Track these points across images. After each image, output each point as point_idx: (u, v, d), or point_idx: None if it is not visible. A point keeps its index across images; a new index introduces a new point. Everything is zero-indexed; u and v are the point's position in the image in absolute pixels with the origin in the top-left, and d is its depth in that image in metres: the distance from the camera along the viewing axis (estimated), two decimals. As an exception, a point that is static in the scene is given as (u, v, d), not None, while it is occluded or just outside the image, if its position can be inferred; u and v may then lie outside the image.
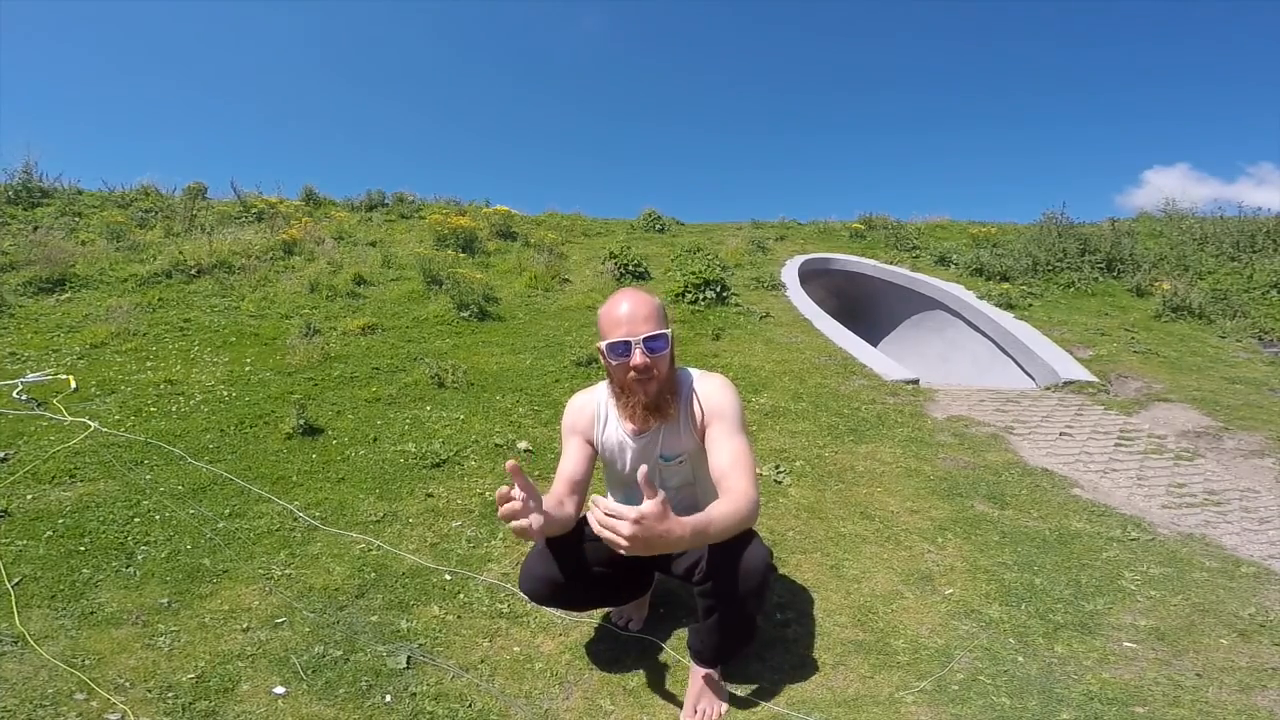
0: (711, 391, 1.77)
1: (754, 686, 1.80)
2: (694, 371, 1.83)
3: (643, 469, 1.36)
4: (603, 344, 1.71)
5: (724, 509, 1.51)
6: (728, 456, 1.66)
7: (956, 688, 1.76)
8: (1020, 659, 1.88)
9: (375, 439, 3.26)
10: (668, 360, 1.72)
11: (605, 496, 2.03)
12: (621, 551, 1.33)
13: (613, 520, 1.32)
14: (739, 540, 1.59)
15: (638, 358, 1.66)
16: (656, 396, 1.71)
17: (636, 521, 1.31)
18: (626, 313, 1.67)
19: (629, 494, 1.92)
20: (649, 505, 1.33)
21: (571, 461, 1.78)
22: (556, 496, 1.69)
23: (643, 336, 1.66)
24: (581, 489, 1.77)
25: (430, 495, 2.79)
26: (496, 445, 3.25)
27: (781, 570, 2.34)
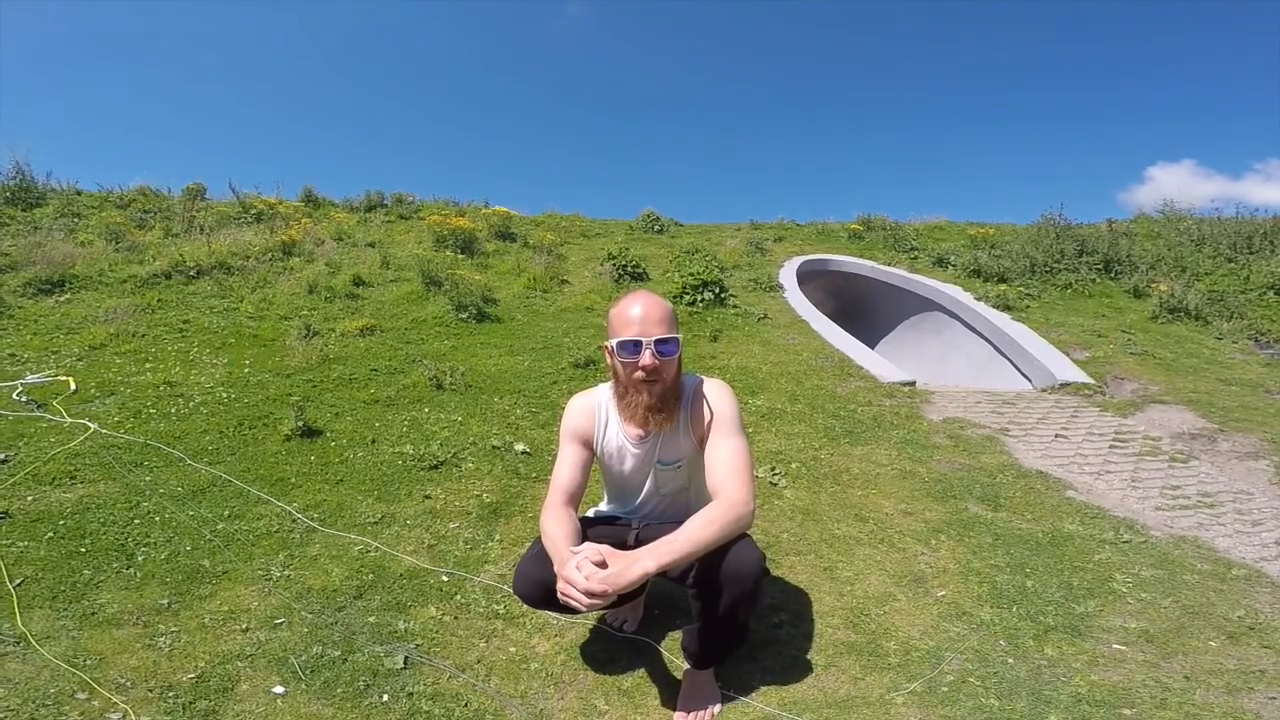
0: (710, 396, 1.78)
1: (746, 687, 1.82)
2: (698, 377, 1.85)
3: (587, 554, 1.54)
4: (612, 342, 1.72)
5: (706, 518, 1.57)
6: (725, 461, 1.68)
7: (946, 689, 1.79)
8: (1010, 661, 1.90)
9: (373, 441, 3.28)
10: (675, 365, 1.74)
11: (602, 502, 2.06)
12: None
13: (577, 594, 1.48)
14: (732, 545, 1.60)
15: (647, 359, 1.67)
16: (660, 399, 1.73)
17: (597, 594, 1.46)
18: (640, 313, 1.69)
19: (626, 497, 1.94)
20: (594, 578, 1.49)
21: (568, 469, 1.79)
22: (558, 511, 1.72)
23: (654, 339, 1.67)
24: (578, 498, 1.79)
25: (428, 497, 2.81)
26: (494, 447, 3.27)
27: (775, 572, 2.36)
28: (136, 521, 2.50)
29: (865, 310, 7.67)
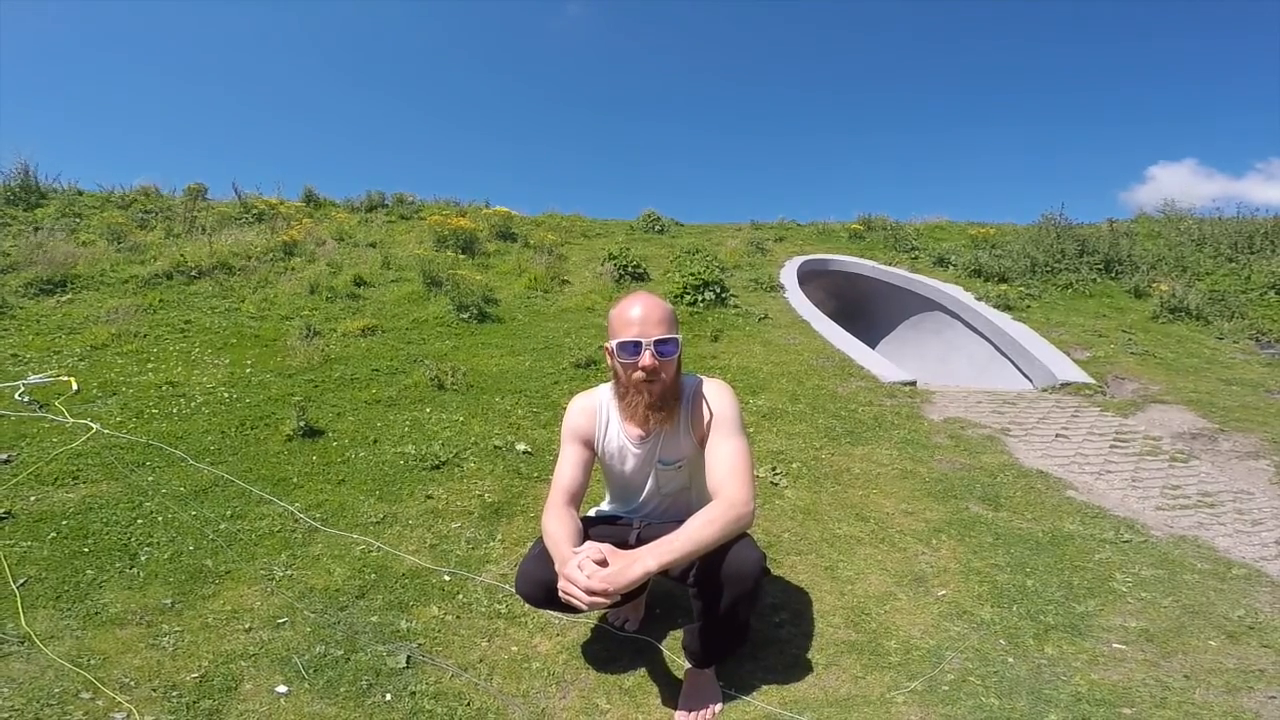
0: (710, 397, 1.79)
1: (748, 686, 1.82)
2: (698, 377, 1.86)
3: (589, 551, 1.56)
4: (612, 342, 1.73)
5: (706, 517, 1.58)
6: (725, 461, 1.69)
7: (947, 688, 1.79)
8: (1010, 660, 1.91)
9: (375, 441, 3.29)
10: (675, 365, 1.75)
11: (604, 501, 2.06)
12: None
13: (578, 593, 1.50)
14: (733, 544, 1.61)
15: (647, 359, 1.68)
16: (660, 398, 1.74)
17: (598, 592, 1.48)
18: (640, 314, 1.70)
19: (627, 497, 1.95)
20: (595, 576, 1.51)
21: (569, 469, 1.80)
22: (559, 511, 1.72)
23: (654, 339, 1.68)
24: (579, 498, 1.80)
25: (430, 497, 2.81)
26: (496, 447, 3.28)
27: (776, 571, 2.37)
28: (139, 521, 2.51)
29: (866, 310, 7.68)
